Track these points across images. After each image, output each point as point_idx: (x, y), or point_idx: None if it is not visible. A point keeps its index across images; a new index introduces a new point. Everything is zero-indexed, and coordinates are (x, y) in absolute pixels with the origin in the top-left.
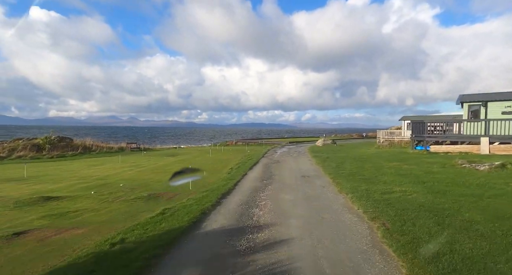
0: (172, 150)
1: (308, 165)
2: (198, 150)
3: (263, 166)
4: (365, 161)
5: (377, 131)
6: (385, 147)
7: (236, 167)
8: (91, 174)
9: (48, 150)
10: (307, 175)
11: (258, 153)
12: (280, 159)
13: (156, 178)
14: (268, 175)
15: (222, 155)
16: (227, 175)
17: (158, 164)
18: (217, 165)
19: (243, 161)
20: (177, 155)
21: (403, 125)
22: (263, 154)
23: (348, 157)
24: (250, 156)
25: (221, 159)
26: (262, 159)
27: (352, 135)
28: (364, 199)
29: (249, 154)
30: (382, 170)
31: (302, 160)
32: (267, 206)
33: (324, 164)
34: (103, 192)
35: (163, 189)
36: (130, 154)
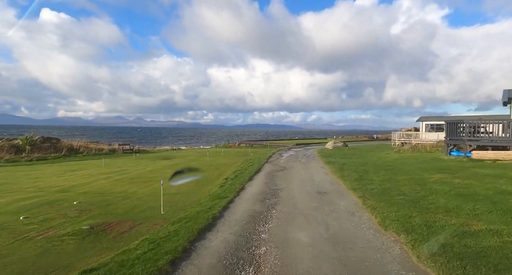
0: (168, 152)
1: (322, 174)
2: (197, 152)
3: (266, 176)
4: (394, 170)
5: (392, 133)
6: (407, 151)
7: (233, 176)
8: (56, 184)
9: (28, 152)
10: (323, 190)
11: (261, 157)
12: (287, 166)
13: (130, 190)
14: (272, 191)
15: (221, 159)
16: (219, 188)
17: (145, 169)
18: (211, 173)
19: (243, 168)
20: (172, 158)
21: (421, 126)
22: (267, 158)
23: (369, 164)
24: (252, 161)
25: (219, 164)
26: (266, 165)
27: (359, 136)
28: (441, 254)
29: (251, 159)
30: (428, 186)
31: (314, 167)
32: (268, 260)
33: (342, 173)
34: (39, 216)
35: (124, 213)
36: (121, 157)
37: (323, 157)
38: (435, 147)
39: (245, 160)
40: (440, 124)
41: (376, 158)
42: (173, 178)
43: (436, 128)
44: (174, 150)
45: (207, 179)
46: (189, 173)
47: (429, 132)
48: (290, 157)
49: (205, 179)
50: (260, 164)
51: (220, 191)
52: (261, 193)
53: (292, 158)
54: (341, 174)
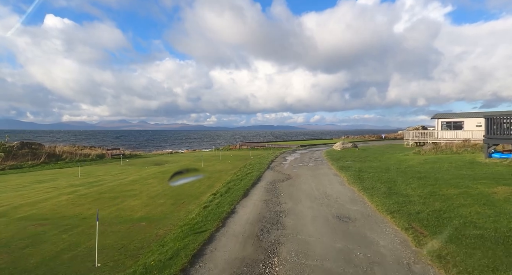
0: (162, 157)
1: (337, 185)
2: (194, 156)
3: (266, 189)
4: (429, 178)
5: (404, 132)
6: (430, 153)
7: (224, 190)
8: (4, 202)
9: (1, 160)
10: (346, 214)
11: (262, 162)
12: (292, 173)
13: (86, 213)
14: (274, 216)
15: (216, 165)
16: (200, 211)
17: (126, 179)
18: (199, 184)
19: (239, 177)
20: (164, 163)
21: (436, 124)
22: (268, 163)
23: (391, 169)
24: (251, 167)
25: (212, 172)
26: (267, 172)
27: (366, 136)
28: None
29: (250, 164)
30: (502, 208)
31: (325, 175)
32: None
33: (363, 183)
34: None
35: (33, 269)
36: (107, 163)
37: (333, 160)
38: (463, 148)
39: (244, 166)
40: (459, 121)
41: (396, 161)
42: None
43: (454, 126)
44: (171, 154)
45: (192, 193)
46: (180, 176)
47: (446, 131)
48: (295, 161)
49: (190, 193)
50: (260, 171)
51: (199, 218)
52: (257, 220)
53: (297, 163)
54: (363, 186)
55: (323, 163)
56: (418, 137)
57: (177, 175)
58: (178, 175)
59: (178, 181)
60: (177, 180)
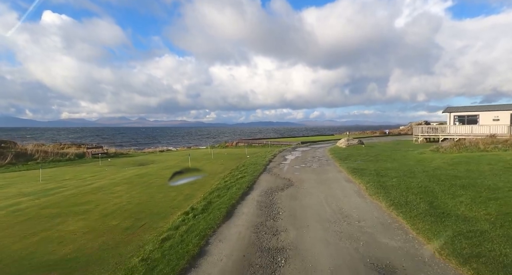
0: (149, 156)
1: (355, 197)
2: (184, 155)
3: (259, 204)
4: (480, 186)
5: (413, 127)
6: (452, 150)
7: (202, 205)
8: None
9: None
10: (384, 258)
11: (259, 162)
12: (293, 177)
13: None
14: (267, 262)
15: (205, 165)
16: (156, 247)
17: (91, 185)
18: (176, 193)
19: (227, 184)
20: (150, 163)
21: (448, 118)
22: (266, 163)
23: (417, 173)
24: (245, 169)
25: None
26: (263, 176)
27: (367, 132)
28: None
29: (244, 165)
30: None
31: (334, 180)
32: None
33: (389, 195)
34: None
35: None
36: (84, 164)
37: (340, 160)
38: (492, 144)
39: (237, 167)
40: (473, 115)
41: (416, 161)
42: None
43: (468, 120)
44: (160, 153)
45: (161, 209)
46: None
47: (460, 125)
48: (297, 160)
49: (158, 209)
50: (254, 174)
51: (144, 267)
52: (240, 270)
53: (299, 163)
54: (391, 199)
55: (329, 163)
56: (428, 133)
57: (176, 175)
58: (177, 175)
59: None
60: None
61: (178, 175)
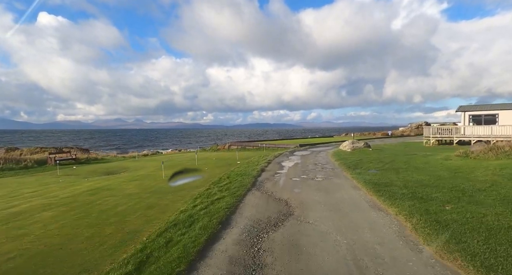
0: (126, 162)
1: (402, 247)
2: (165, 160)
3: (231, 265)
4: None
5: (423, 127)
6: (486, 156)
7: (136, 262)
8: None
9: None
10: None
11: (248, 172)
12: (293, 199)
13: None
14: None
15: None
16: None
17: (6, 211)
18: (112, 230)
19: (194, 214)
20: (120, 171)
21: (462, 118)
22: (257, 174)
23: (474, 192)
24: (228, 183)
25: (164, 192)
26: (250, 196)
27: (365, 133)
28: None
29: (230, 176)
30: None
31: (353, 204)
32: None
33: (467, 244)
34: None
35: None
36: (42, 172)
37: (349, 169)
38: None
39: (219, 180)
40: (491, 114)
41: (450, 172)
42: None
43: (485, 120)
44: (144, 156)
45: (74, 262)
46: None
47: (476, 126)
48: (295, 169)
49: (71, 262)
50: (238, 193)
51: None
52: None
53: (298, 172)
54: (480, 259)
55: (336, 173)
56: (441, 134)
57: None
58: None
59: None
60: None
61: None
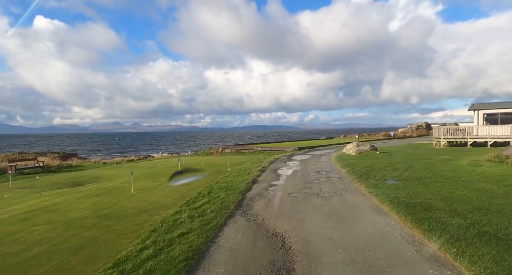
0: (102, 170)
1: None
2: (149, 167)
3: None
4: None
5: (433, 128)
6: None
7: None
8: None
9: None
10: None
11: (235, 185)
12: (293, 233)
13: None
14: None
15: (151, 191)
16: None
17: None
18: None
19: (134, 267)
20: (89, 183)
21: (476, 117)
22: (246, 186)
23: None
24: (206, 203)
25: (119, 216)
26: (230, 228)
27: (364, 135)
28: None
29: (212, 191)
30: None
31: (398, 257)
32: None
33: None
34: None
35: None
36: None
37: (361, 179)
38: None
39: (198, 195)
40: (509, 112)
41: (496, 184)
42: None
43: (502, 119)
44: (128, 161)
45: None
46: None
47: (493, 126)
48: (295, 180)
49: None
50: (216, 221)
51: None
52: None
53: (299, 185)
54: None
55: (346, 184)
56: (454, 135)
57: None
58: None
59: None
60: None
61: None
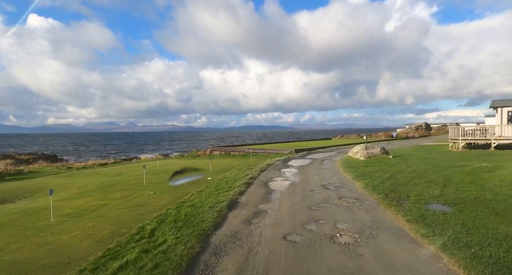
0: (54, 178)
1: None
2: (115, 174)
3: None
4: None
5: (449, 128)
6: None
7: None
8: None
9: None
10: None
11: (205, 211)
12: None
13: None
14: None
15: (84, 220)
16: None
17: None
18: None
19: None
20: (17, 199)
21: (499, 115)
22: (219, 215)
23: None
24: (137, 259)
25: None
26: None
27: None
28: None
29: (165, 221)
30: None
31: None
32: None
33: None
34: None
35: None
36: None
37: (393, 202)
38: None
39: (130, 239)
40: None
41: None
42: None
43: None
44: (100, 165)
45: None
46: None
47: None
48: (293, 201)
49: None
50: None
51: None
52: None
53: (299, 214)
54: None
55: (371, 212)
56: (474, 136)
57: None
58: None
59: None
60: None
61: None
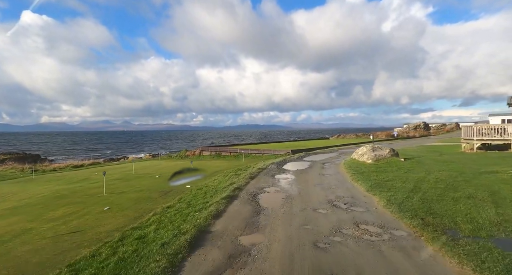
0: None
1: None
2: (80, 180)
3: None
4: None
5: (462, 127)
6: None
7: None
8: None
9: None
10: None
11: (152, 254)
12: None
13: None
14: None
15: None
16: None
17: None
18: None
19: None
20: None
21: None
22: (176, 257)
23: None
24: None
25: None
26: None
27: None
28: None
29: (107, 262)
30: None
31: None
32: None
33: None
34: None
35: None
36: None
37: (435, 234)
38: None
39: None
40: None
41: None
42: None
43: None
44: (75, 167)
45: None
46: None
47: None
48: (289, 233)
49: None
50: None
51: None
52: None
53: (301, 267)
54: None
55: (413, 259)
56: (491, 136)
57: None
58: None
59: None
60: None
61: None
